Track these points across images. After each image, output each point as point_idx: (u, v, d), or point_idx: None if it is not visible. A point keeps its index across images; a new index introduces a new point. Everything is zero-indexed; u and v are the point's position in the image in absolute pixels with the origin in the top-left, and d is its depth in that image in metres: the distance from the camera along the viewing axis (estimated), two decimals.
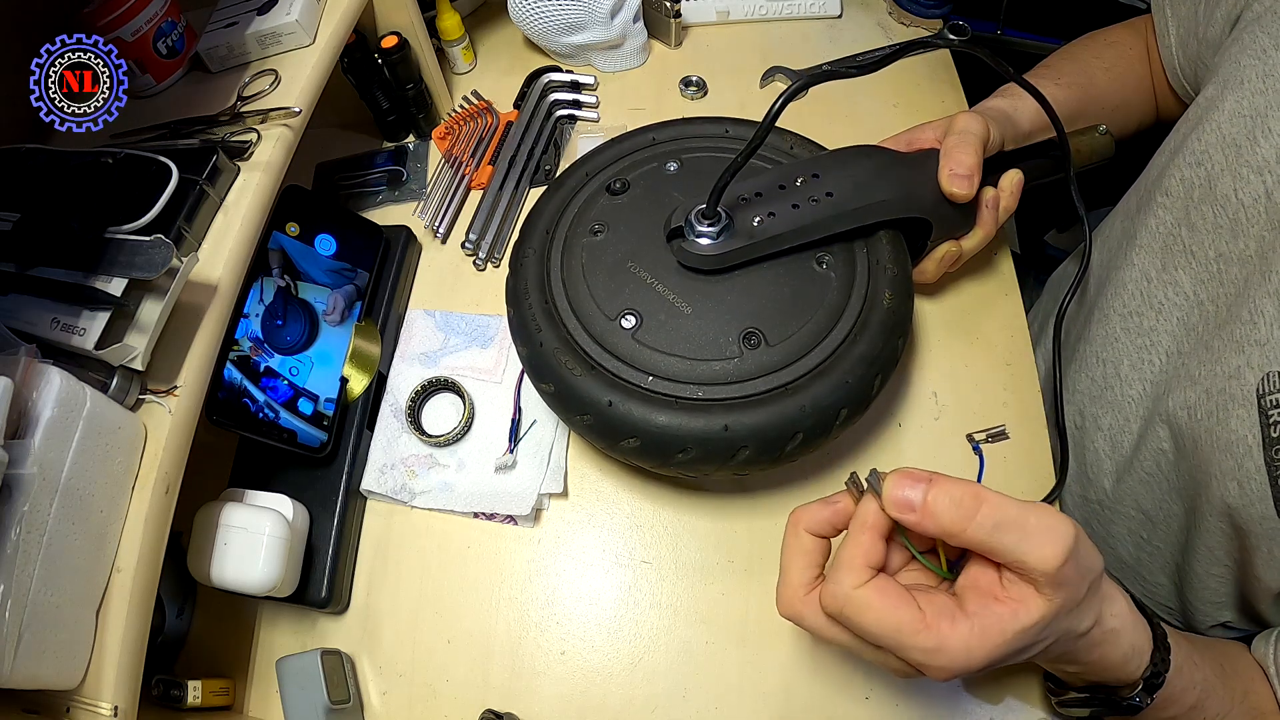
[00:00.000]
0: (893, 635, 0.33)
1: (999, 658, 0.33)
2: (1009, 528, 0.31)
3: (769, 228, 0.46)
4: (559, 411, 0.47)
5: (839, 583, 0.34)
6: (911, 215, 0.50)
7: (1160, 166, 0.55)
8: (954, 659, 0.32)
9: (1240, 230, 0.48)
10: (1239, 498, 0.45)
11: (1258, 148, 0.46)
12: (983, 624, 0.32)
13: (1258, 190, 0.46)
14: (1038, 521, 0.32)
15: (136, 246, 0.41)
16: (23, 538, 0.34)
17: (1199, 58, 0.56)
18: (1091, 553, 0.33)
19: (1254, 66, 0.47)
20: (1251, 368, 0.45)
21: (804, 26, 0.80)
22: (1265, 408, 0.43)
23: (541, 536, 0.56)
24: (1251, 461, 0.44)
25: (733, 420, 0.42)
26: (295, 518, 0.51)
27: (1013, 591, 0.33)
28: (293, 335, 0.56)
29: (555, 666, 0.52)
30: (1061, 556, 0.31)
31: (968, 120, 0.52)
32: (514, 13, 0.74)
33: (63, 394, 0.37)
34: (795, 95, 0.39)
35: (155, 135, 0.53)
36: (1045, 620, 0.32)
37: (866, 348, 0.45)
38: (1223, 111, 0.49)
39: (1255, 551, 0.47)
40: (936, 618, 0.33)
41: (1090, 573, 0.33)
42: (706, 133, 0.55)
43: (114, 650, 0.38)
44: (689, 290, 0.46)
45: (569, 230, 0.50)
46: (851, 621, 0.34)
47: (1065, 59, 0.65)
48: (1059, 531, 0.31)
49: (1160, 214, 0.54)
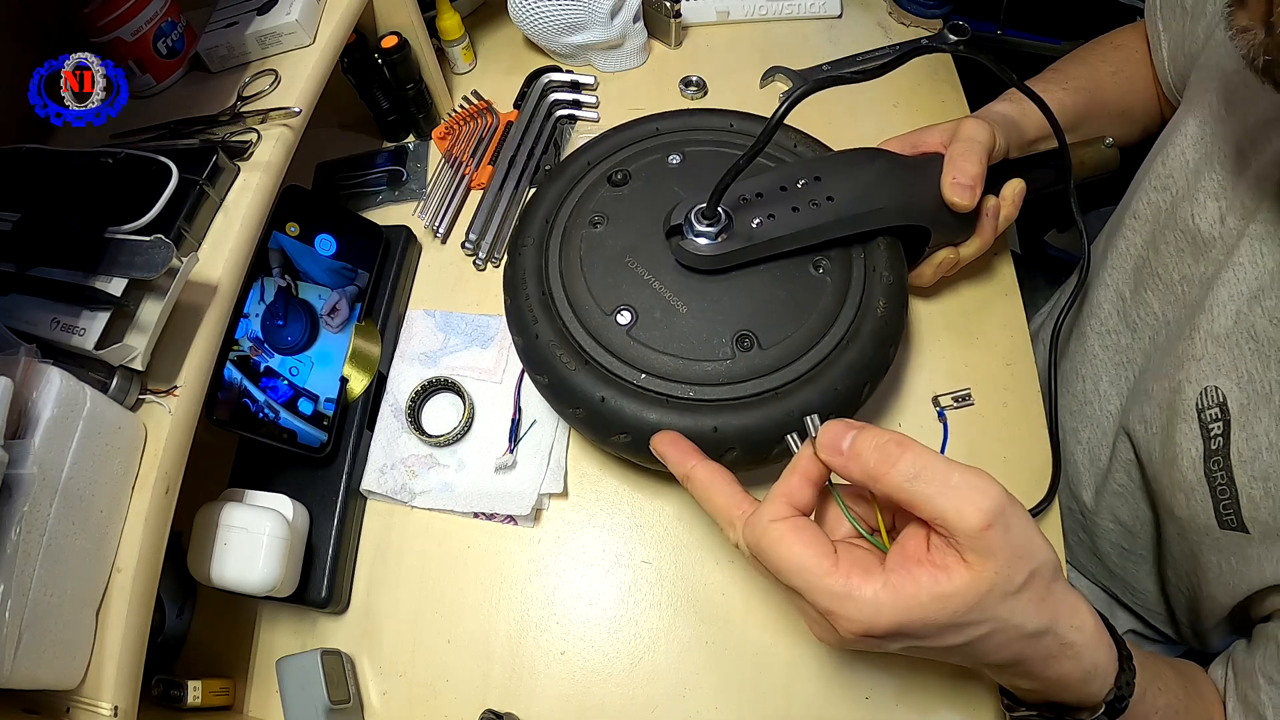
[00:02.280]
0: (800, 574, 0.32)
1: (914, 623, 0.31)
2: (929, 479, 0.31)
3: (768, 230, 0.46)
4: (553, 403, 0.48)
5: (759, 514, 0.34)
6: (911, 223, 0.50)
7: (1131, 189, 0.56)
8: (861, 610, 0.31)
9: (1200, 254, 0.48)
10: (1185, 509, 0.46)
11: (1213, 173, 0.47)
12: (897, 581, 0.31)
13: (1214, 215, 0.47)
14: (962, 479, 0.30)
15: (136, 246, 0.41)
16: (23, 538, 0.34)
17: (1186, 72, 0.56)
18: (1028, 534, 0.32)
19: (1214, 90, 0.47)
20: (1190, 382, 0.45)
21: (804, 26, 0.80)
22: (1205, 421, 0.44)
23: (541, 536, 0.56)
24: (1194, 473, 0.44)
25: (722, 422, 0.42)
26: (295, 518, 0.51)
27: (936, 556, 0.32)
28: (293, 335, 0.56)
29: (555, 666, 0.52)
30: (983, 517, 0.30)
31: (974, 128, 0.52)
32: (514, 13, 0.74)
33: (63, 394, 0.37)
34: (798, 102, 0.39)
35: (155, 135, 0.53)
36: (970, 592, 0.31)
37: (857, 356, 0.45)
38: (1186, 136, 0.49)
39: (1206, 568, 0.47)
40: (850, 566, 0.32)
41: (1028, 555, 0.32)
42: (711, 125, 0.55)
43: (114, 650, 0.38)
44: (685, 289, 0.46)
45: (569, 220, 0.50)
46: (765, 555, 0.34)
47: (1073, 62, 0.65)
48: (983, 491, 0.30)
49: (1130, 236, 0.54)
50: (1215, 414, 0.44)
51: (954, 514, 0.30)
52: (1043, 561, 0.32)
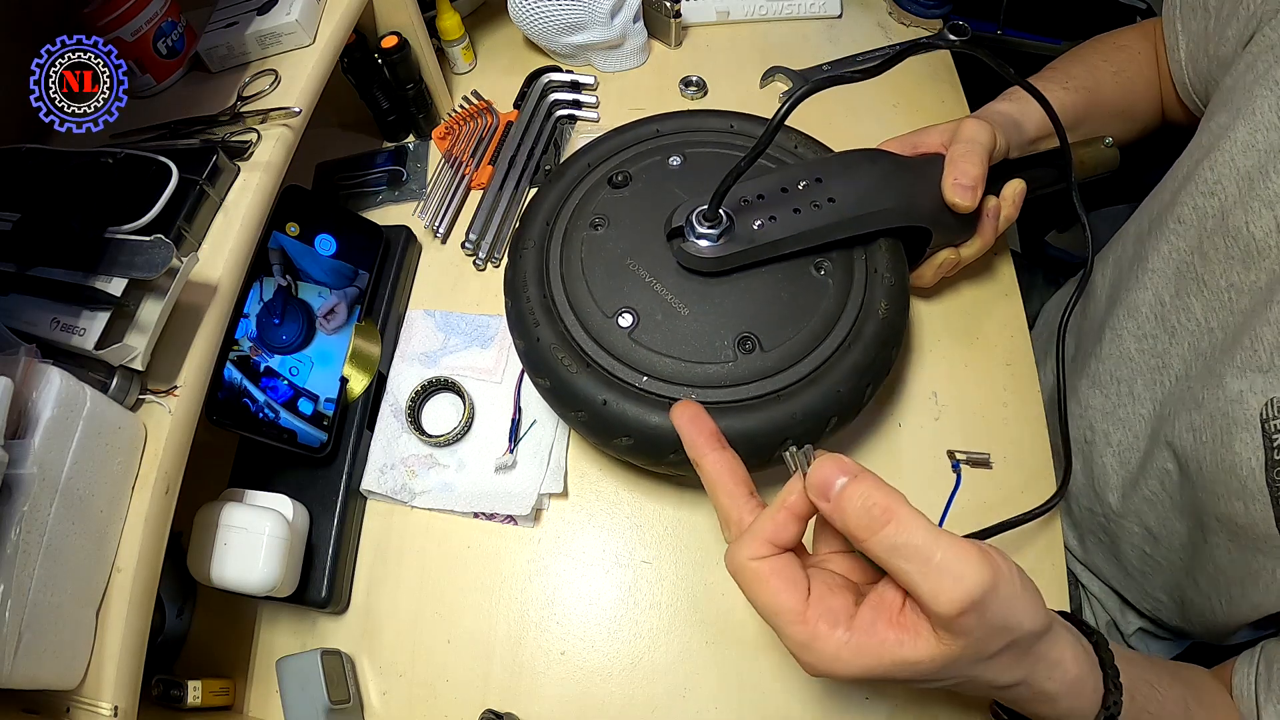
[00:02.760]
0: (771, 616, 0.33)
1: (875, 677, 0.32)
2: (910, 555, 0.29)
3: (770, 232, 0.46)
4: (554, 406, 0.48)
5: (739, 549, 0.34)
6: (912, 224, 0.50)
7: (1172, 191, 0.55)
8: (820, 660, 0.32)
9: (1252, 263, 0.47)
10: (1245, 516, 0.46)
11: (1269, 182, 0.46)
12: (861, 641, 0.31)
13: (1269, 224, 0.46)
14: (944, 559, 0.29)
15: (136, 246, 0.41)
16: (23, 538, 0.34)
17: (1209, 74, 0.56)
18: (1011, 609, 0.31)
19: (1266, 98, 0.47)
20: (1255, 393, 0.45)
21: (804, 26, 0.80)
22: (1269, 431, 0.44)
23: (541, 536, 0.56)
24: (1254, 482, 0.44)
25: (725, 424, 0.42)
26: (295, 518, 0.51)
27: (908, 620, 0.31)
28: (292, 335, 0.56)
29: (555, 666, 0.52)
30: (959, 605, 0.29)
31: (975, 128, 0.52)
32: (514, 13, 0.74)
33: (63, 394, 0.37)
34: (798, 103, 0.39)
35: (155, 135, 0.53)
36: (935, 662, 0.31)
37: (860, 357, 0.45)
38: (1235, 142, 0.49)
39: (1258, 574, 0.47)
40: (818, 617, 0.32)
41: (1005, 630, 0.31)
42: (711, 126, 0.55)
43: (114, 650, 0.38)
44: (687, 291, 0.46)
45: (569, 222, 0.50)
46: (741, 588, 0.34)
47: (1073, 61, 0.64)
48: (967, 578, 0.29)
49: (1174, 240, 0.54)
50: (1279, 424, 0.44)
51: (929, 596, 0.29)
52: (1025, 632, 0.32)
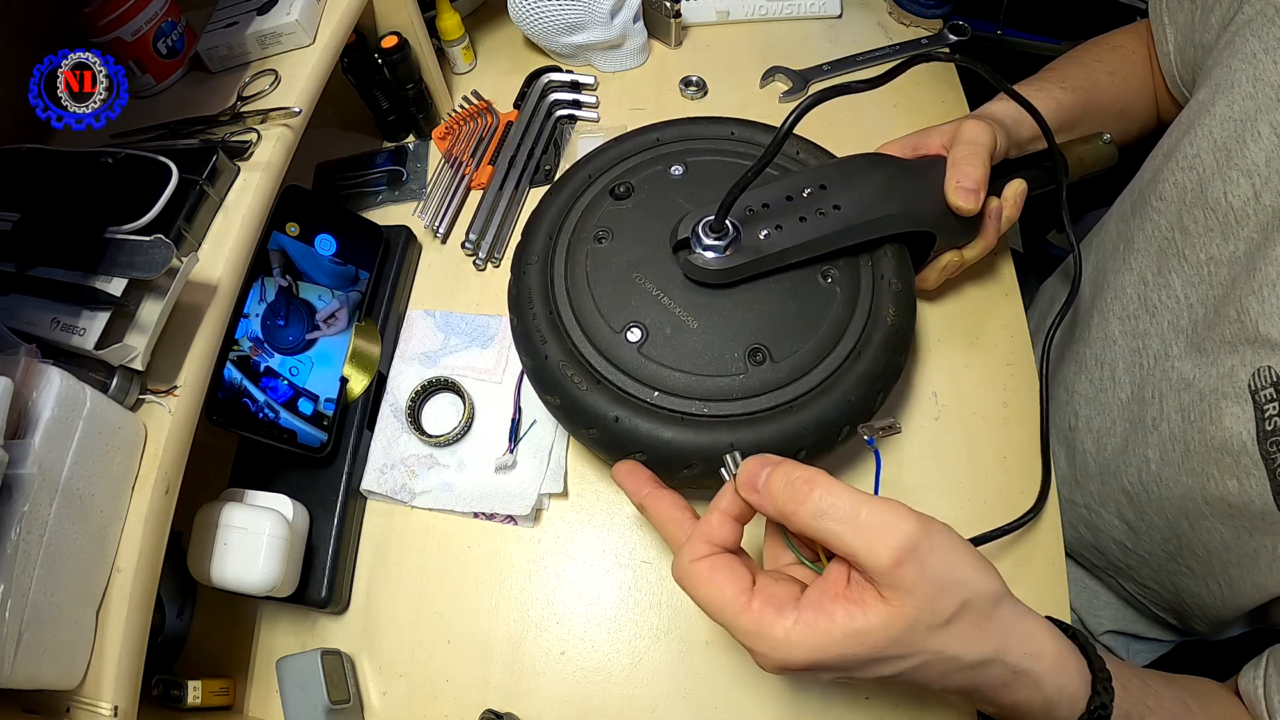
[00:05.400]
0: (719, 612, 0.33)
1: (830, 659, 0.31)
2: (837, 517, 0.31)
3: (776, 242, 0.46)
4: (565, 424, 0.47)
5: (680, 556, 0.35)
6: (917, 229, 0.50)
7: (1154, 170, 0.56)
8: (773, 648, 0.32)
9: (1230, 233, 0.48)
10: (1239, 495, 0.45)
11: (1247, 151, 0.46)
12: (810, 618, 0.31)
13: (1247, 193, 0.46)
14: (871, 515, 0.30)
15: (136, 246, 0.41)
16: (23, 538, 0.34)
17: (1196, 64, 0.56)
18: (953, 565, 0.31)
19: (1244, 70, 0.47)
20: (1244, 365, 0.45)
21: (804, 26, 0.80)
22: (1260, 402, 0.43)
23: (541, 536, 0.56)
24: (1248, 456, 0.44)
25: (738, 438, 0.42)
26: (295, 518, 0.51)
27: (854, 591, 0.31)
28: (293, 335, 0.56)
29: (555, 666, 0.52)
30: (893, 554, 0.30)
31: (975, 130, 0.52)
32: (514, 13, 0.74)
33: (63, 394, 0.37)
34: (803, 114, 0.39)
35: (155, 135, 0.53)
36: (888, 628, 0.30)
37: (870, 365, 0.45)
38: (1214, 116, 0.49)
39: (1256, 554, 0.47)
40: (763, 604, 0.32)
41: (954, 586, 0.31)
42: (711, 134, 0.55)
43: (114, 650, 0.38)
44: (695, 304, 0.46)
45: (573, 236, 0.50)
46: (689, 594, 0.34)
47: (1070, 63, 0.65)
48: (893, 527, 0.30)
49: (1155, 218, 0.54)
50: (1271, 394, 0.43)
51: (864, 551, 0.30)
52: (977, 591, 0.32)
